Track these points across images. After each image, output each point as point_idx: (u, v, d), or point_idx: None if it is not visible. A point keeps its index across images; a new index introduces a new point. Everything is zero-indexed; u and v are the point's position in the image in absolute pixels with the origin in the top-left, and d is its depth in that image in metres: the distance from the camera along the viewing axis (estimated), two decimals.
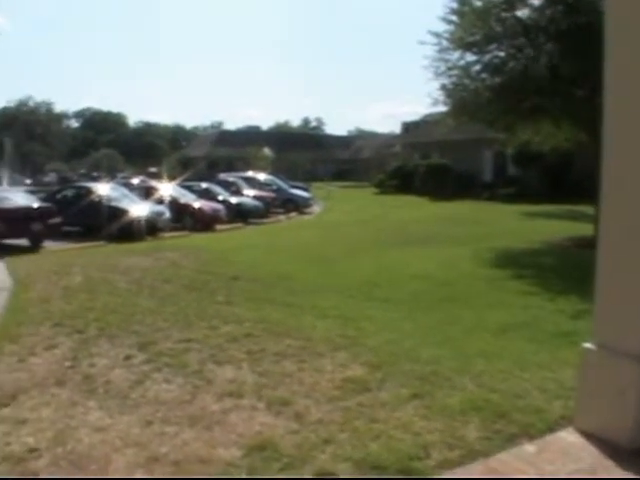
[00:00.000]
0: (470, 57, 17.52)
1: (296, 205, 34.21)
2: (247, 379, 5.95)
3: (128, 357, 6.63)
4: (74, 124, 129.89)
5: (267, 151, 66.62)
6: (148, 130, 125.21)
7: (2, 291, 10.37)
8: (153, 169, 74.52)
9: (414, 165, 45.36)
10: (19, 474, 4.19)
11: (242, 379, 5.95)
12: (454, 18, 17.27)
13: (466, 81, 17.74)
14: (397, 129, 70.60)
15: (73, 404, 5.39)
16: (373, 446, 4.51)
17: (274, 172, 42.18)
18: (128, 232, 20.60)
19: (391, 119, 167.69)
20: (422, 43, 17.62)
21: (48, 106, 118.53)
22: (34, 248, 18.77)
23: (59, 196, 24.13)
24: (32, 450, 4.53)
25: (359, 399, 5.41)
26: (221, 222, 25.46)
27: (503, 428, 4.75)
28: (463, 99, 17.82)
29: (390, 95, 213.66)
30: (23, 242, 19.18)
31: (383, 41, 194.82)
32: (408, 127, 60.45)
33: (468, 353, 6.72)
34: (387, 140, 69.85)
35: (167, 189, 26.77)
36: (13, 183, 45.28)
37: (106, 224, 20.91)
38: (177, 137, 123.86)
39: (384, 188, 47.35)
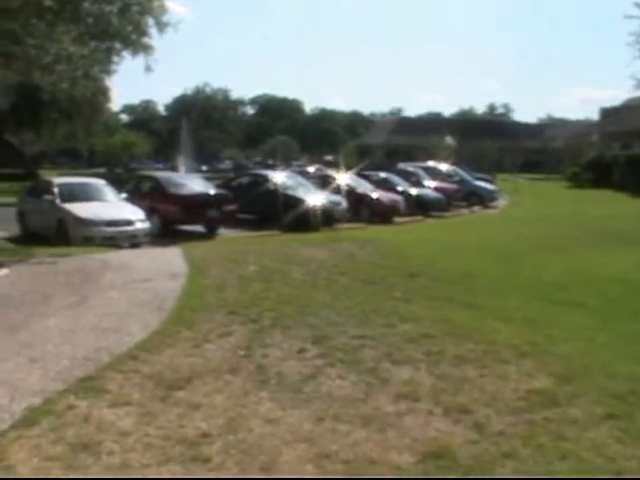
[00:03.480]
0: None
1: (480, 198, 33.66)
2: (424, 381, 5.94)
3: (301, 350, 6.82)
4: (250, 111, 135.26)
5: (449, 140, 65.97)
6: (324, 117, 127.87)
7: (178, 277, 10.98)
8: (329, 157, 76.11)
9: (613, 156, 43.10)
10: (191, 458, 4.45)
11: (419, 381, 5.95)
12: None
13: None
14: (594, 115, 67.33)
15: (245, 393, 5.63)
16: (560, 466, 4.36)
17: (457, 162, 41.66)
18: (303, 222, 21.19)
19: (588, 104, 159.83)
20: (628, 17, 16.67)
21: (225, 93, 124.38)
22: (209, 235, 19.83)
23: (234, 183, 25.27)
24: (205, 435, 4.80)
25: (546, 413, 5.24)
26: (399, 214, 25.56)
27: None
28: None
29: (586, 78, 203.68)
30: (198, 229, 20.31)
31: (579, 19, 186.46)
32: (607, 113, 57.49)
33: None
34: (583, 128, 66.95)
35: (344, 178, 27.19)
36: (190, 169, 48.03)
37: (281, 213, 21.61)
38: (354, 124, 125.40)
39: (578, 182, 45.42)
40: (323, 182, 26.47)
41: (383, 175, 30.13)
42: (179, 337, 7.24)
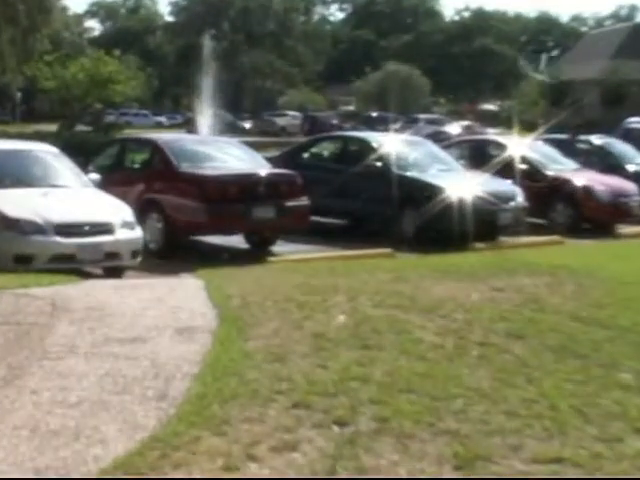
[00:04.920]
0: None
1: None
2: None
3: None
4: (336, 15, 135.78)
5: None
6: (481, 26, 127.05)
7: (196, 334, 11.02)
8: (490, 105, 76.08)
9: None
10: None
11: None
12: None
13: None
14: None
15: None
16: None
17: None
18: (439, 231, 21.22)
19: None
20: None
21: None
22: (257, 253, 19.90)
23: (305, 155, 25.44)
24: None
25: None
26: (631, 218, 25.26)
27: None
28: None
29: None
30: (236, 241, 20.44)
31: None
32: None
33: None
34: None
35: (519, 147, 27.03)
36: (219, 128, 48.44)
37: (396, 214, 21.61)
38: (541, 40, 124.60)
39: None
40: (476, 154, 26.43)
41: (598, 141, 29.93)
42: (197, 450, 7.27)
